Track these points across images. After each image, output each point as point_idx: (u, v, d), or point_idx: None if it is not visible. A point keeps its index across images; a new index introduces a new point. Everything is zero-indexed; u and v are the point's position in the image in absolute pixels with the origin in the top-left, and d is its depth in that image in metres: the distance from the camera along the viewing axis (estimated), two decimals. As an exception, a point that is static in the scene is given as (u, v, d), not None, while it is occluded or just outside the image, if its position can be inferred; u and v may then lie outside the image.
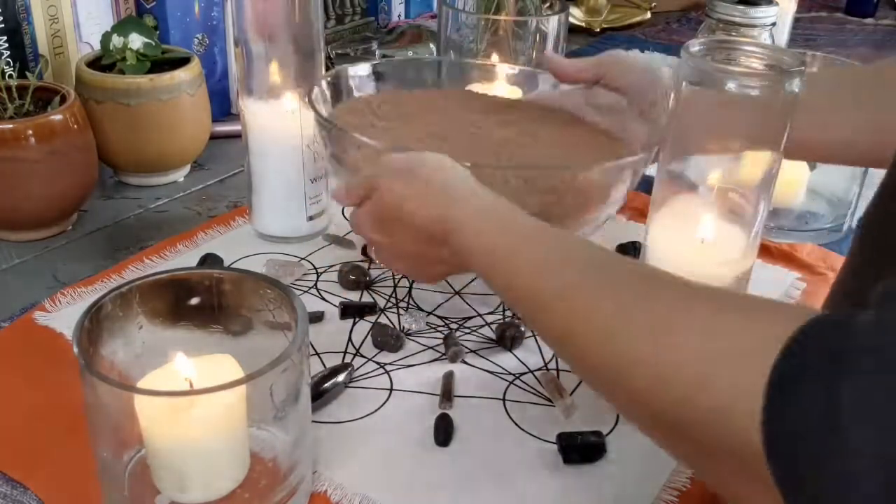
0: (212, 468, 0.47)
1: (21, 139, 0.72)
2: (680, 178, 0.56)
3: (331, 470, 0.53)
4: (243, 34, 0.71)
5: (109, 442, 0.46)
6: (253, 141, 0.75)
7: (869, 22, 1.71)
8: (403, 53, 1.32)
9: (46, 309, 0.66)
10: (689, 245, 0.56)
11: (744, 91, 0.52)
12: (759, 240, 0.56)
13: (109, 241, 0.79)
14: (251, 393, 0.45)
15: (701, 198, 0.55)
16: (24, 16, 0.88)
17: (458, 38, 0.98)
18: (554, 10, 1.01)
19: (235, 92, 1.02)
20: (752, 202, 0.54)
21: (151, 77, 0.83)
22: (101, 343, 0.47)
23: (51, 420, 0.55)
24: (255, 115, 0.74)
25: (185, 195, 0.88)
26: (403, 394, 0.60)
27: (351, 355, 0.63)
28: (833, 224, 0.85)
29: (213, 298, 0.50)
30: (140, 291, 0.49)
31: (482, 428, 0.57)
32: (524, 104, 0.77)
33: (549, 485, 0.53)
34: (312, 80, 0.73)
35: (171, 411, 0.44)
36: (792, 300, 0.73)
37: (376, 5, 1.43)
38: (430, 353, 0.64)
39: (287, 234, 0.78)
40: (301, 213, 0.77)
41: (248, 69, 0.73)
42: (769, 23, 0.97)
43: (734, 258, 0.56)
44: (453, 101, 0.76)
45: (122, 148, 0.85)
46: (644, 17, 1.64)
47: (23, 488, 0.51)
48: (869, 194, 0.93)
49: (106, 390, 0.42)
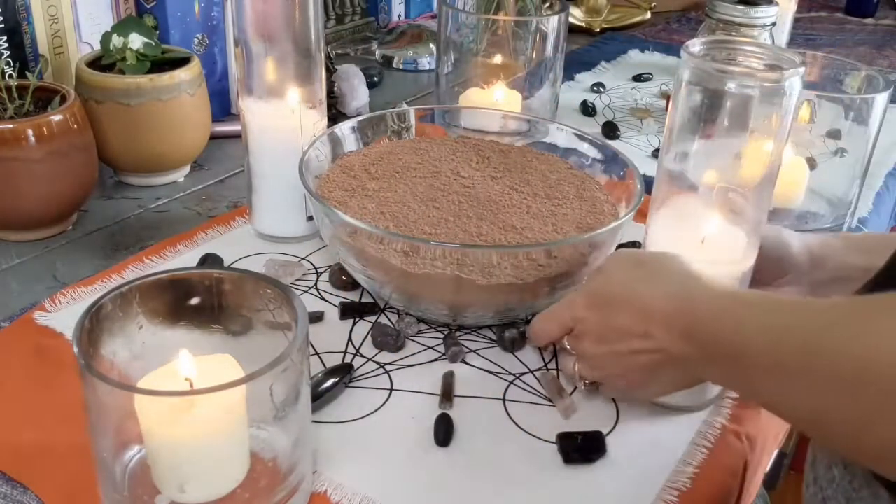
0: (212, 468, 0.47)
1: (21, 139, 0.72)
2: (680, 178, 0.56)
3: (331, 470, 0.53)
4: (243, 34, 0.71)
5: (109, 442, 0.46)
6: (252, 141, 0.75)
7: (869, 22, 1.71)
8: (403, 53, 1.32)
9: (46, 309, 0.66)
10: (689, 245, 0.56)
11: (744, 91, 0.52)
12: (759, 240, 0.56)
13: (109, 241, 0.79)
14: (251, 393, 0.45)
15: (701, 198, 0.55)
16: (24, 16, 0.88)
17: (458, 38, 0.98)
18: (554, 10, 1.01)
19: (235, 92, 1.02)
20: (753, 202, 0.54)
21: (151, 77, 0.83)
22: (101, 343, 0.46)
23: (51, 420, 0.55)
24: (254, 115, 0.74)
25: (185, 195, 0.88)
26: (403, 394, 0.60)
27: (351, 355, 0.63)
28: (833, 224, 0.84)
29: (213, 298, 0.50)
30: (140, 291, 0.48)
31: (482, 428, 0.57)
32: (515, 151, 0.80)
33: (549, 485, 0.53)
34: (312, 80, 0.73)
35: (171, 411, 0.44)
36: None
37: (376, 5, 1.43)
38: (430, 353, 0.64)
39: (287, 234, 0.78)
40: (300, 213, 0.77)
41: (248, 69, 0.73)
42: (769, 23, 0.97)
43: (734, 258, 0.56)
44: (446, 148, 0.79)
45: (122, 148, 0.85)
46: (644, 17, 1.64)
47: (23, 488, 0.51)
48: (870, 194, 0.93)
49: (106, 390, 0.42)
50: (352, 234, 0.62)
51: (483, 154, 0.79)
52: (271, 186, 0.76)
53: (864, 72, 0.85)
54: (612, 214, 0.70)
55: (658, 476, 0.54)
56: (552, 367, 0.63)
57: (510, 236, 0.65)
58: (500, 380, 0.62)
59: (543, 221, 0.68)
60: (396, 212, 0.67)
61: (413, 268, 0.60)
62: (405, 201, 0.69)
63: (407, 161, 0.76)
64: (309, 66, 0.73)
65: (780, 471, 1.66)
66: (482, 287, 0.60)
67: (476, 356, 0.64)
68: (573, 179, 0.75)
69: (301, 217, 0.77)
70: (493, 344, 0.65)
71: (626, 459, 0.55)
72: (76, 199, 0.79)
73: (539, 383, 0.62)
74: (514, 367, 0.63)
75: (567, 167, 0.77)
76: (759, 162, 0.54)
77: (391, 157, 0.76)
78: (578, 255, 0.63)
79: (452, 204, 0.70)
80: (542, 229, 0.67)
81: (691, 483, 0.54)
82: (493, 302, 0.63)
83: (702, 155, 0.54)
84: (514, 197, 0.71)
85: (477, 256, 0.60)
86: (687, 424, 0.58)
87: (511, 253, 0.62)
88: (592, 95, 1.21)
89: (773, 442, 0.64)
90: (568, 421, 0.58)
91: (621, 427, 0.58)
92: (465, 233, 0.65)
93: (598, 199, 0.72)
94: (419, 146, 0.79)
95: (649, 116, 1.13)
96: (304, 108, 0.74)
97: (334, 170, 0.74)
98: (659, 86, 1.26)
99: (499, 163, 0.77)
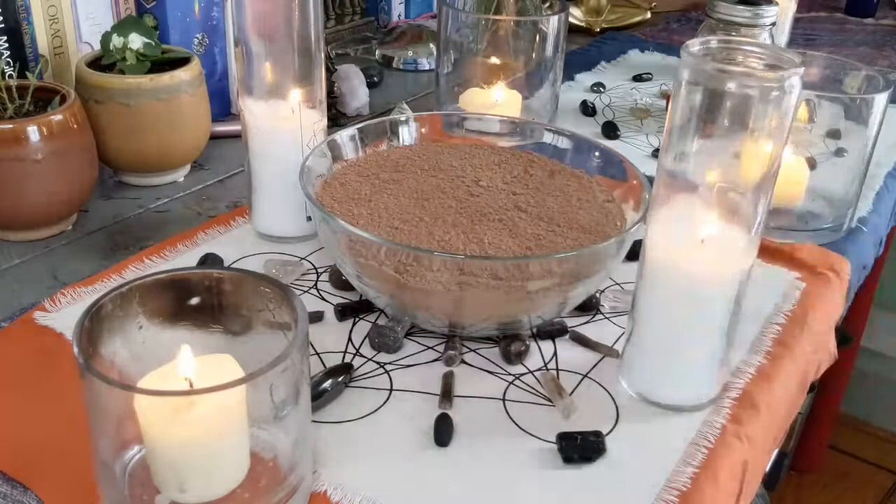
0: (212, 468, 0.47)
1: (21, 139, 0.72)
2: (680, 178, 0.55)
3: (331, 470, 0.53)
4: (243, 33, 0.71)
5: (109, 442, 0.46)
6: (252, 141, 0.75)
7: (869, 22, 1.71)
8: (403, 53, 1.32)
9: (46, 309, 0.66)
10: (688, 245, 0.56)
11: (744, 91, 0.52)
12: (759, 240, 0.56)
13: (109, 241, 0.79)
14: (251, 393, 0.45)
15: (701, 198, 0.55)
16: (24, 16, 0.88)
17: (458, 38, 0.98)
18: (554, 10, 1.01)
19: (235, 92, 1.02)
20: (752, 202, 0.54)
21: (151, 77, 0.83)
22: (101, 343, 0.46)
23: (51, 420, 0.55)
24: (254, 115, 0.74)
25: (185, 195, 0.88)
26: (403, 394, 0.60)
27: (351, 355, 0.63)
28: (833, 224, 0.85)
29: (213, 298, 0.50)
30: (140, 291, 0.48)
31: (482, 428, 0.57)
32: (511, 156, 0.78)
33: (549, 485, 0.53)
34: (312, 80, 0.73)
35: (171, 411, 0.44)
36: (791, 301, 0.73)
37: (376, 5, 1.43)
38: (431, 354, 0.64)
39: (287, 234, 0.78)
40: (300, 213, 0.77)
41: (247, 69, 0.73)
42: (769, 23, 0.96)
43: (734, 258, 0.56)
44: (444, 156, 0.78)
45: (122, 148, 0.85)
46: (644, 17, 1.64)
47: (23, 488, 0.51)
48: (870, 194, 0.93)
49: (106, 390, 0.42)
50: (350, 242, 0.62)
51: (507, 166, 0.76)
52: (271, 186, 0.76)
53: (864, 72, 0.85)
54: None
55: (658, 476, 0.54)
56: (552, 367, 0.63)
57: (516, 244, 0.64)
58: (500, 380, 0.62)
59: (555, 233, 0.67)
60: (394, 221, 0.66)
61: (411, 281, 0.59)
62: (400, 217, 0.67)
63: (410, 167, 0.75)
64: (309, 66, 0.73)
65: (780, 471, 1.66)
66: (483, 298, 0.60)
67: (476, 356, 0.64)
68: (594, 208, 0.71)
69: (301, 217, 0.77)
70: (494, 344, 0.65)
71: (626, 459, 0.55)
72: (76, 199, 0.79)
73: (539, 383, 0.62)
74: (514, 367, 0.63)
75: (603, 199, 0.72)
76: (759, 162, 0.54)
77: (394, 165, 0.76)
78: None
79: (456, 214, 0.68)
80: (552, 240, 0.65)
81: (691, 483, 0.54)
82: (494, 313, 0.62)
83: (702, 155, 0.54)
84: (522, 214, 0.69)
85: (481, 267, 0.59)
86: (687, 424, 0.58)
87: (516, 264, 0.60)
88: (592, 95, 1.21)
89: (773, 442, 0.64)
90: (568, 421, 0.58)
91: (621, 427, 0.58)
92: (470, 243, 0.64)
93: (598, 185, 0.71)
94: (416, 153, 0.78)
95: (649, 116, 1.13)
96: (304, 108, 0.74)
97: (335, 175, 0.73)
98: (659, 86, 1.26)
99: (523, 175, 0.75)
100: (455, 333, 0.65)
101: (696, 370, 0.59)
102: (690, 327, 0.58)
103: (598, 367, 0.64)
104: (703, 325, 0.57)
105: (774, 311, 0.72)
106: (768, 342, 0.68)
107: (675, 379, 0.60)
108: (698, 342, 0.58)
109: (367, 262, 0.60)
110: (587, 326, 0.68)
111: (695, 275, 0.56)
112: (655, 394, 0.60)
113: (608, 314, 0.70)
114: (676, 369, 0.59)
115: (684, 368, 0.59)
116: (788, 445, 1.64)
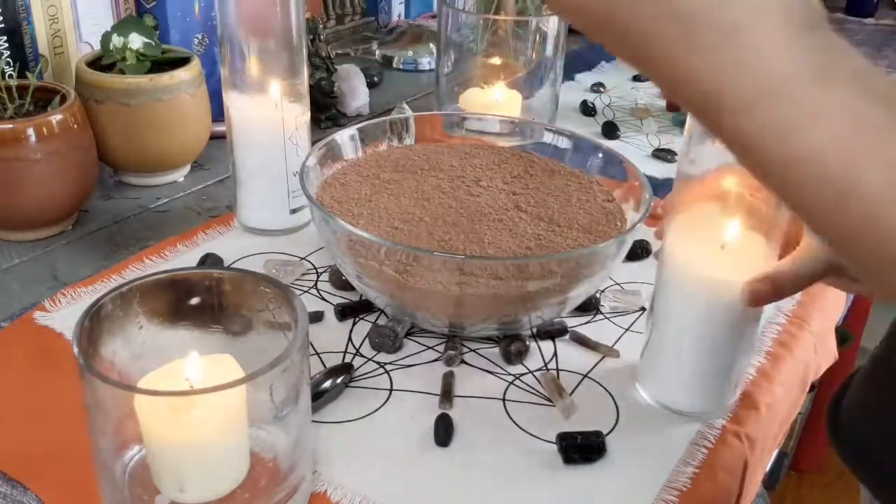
0: (212, 468, 0.47)
1: (21, 139, 0.72)
2: (698, 183, 0.55)
3: (331, 470, 0.53)
4: (227, 28, 0.72)
5: (109, 442, 0.46)
6: (237, 135, 0.75)
7: (869, 22, 1.71)
8: (403, 53, 1.32)
9: (46, 309, 0.66)
10: (708, 250, 0.55)
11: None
12: (780, 245, 0.55)
13: (109, 241, 0.79)
14: (251, 393, 0.45)
15: (720, 203, 0.54)
16: (24, 16, 0.88)
17: (458, 38, 0.98)
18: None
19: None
20: (773, 206, 0.53)
21: (151, 77, 0.83)
22: (101, 343, 0.46)
23: (51, 420, 0.55)
24: (238, 110, 0.74)
25: (185, 195, 0.88)
26: (403, 394, 0.60)
27: (351, 355, 0.63)
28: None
29: (213, 298, 0.50)
30: (140, 291, 0.48)
31: (482, 428, 0.57)
32: (511, 156, 0.78)
33: (549, 485, 0.53)
34: (295, 74, 0.74)
35: (171, 411, 0.44)
36: (791, 301, 0.73)
37: (376, 5, 1.43)
38: (431, 353, 0.64)
39: (270, 228, 0.78)
40: (284, 206, 0.77)
41: (231, 63, 0.73)
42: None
43: (755, 263, 0.55)
44: (445, 156, 0.77)
45: (122, 148, 0.85)
46: (644, 17, 1.64)
47: (23, 488, 0.51)
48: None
49: (106, 390, 0.42)
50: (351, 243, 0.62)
51: (506, 166, 0.76)
52: (255, 180, 0.76)
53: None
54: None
55: (658, 476, 0.54)
56: (552, 367, 0.63)
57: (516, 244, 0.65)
58: (499, 380, 0.62)
59: (554, 233, 0.66)
60: (394, 222, 0.66)
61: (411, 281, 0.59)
62: (400, 218, 0.67)
63: (410, 167, 0.75)
64: (291, 60, 0.73)
65: (780, 471, 1.66)
66: (482, 298, 0.60)
67: (476, 356, 0.64)
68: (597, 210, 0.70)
69: (284, 210, 0.78)
70: (494, 344, 0.65)
71: (626, 459, 0.55)
72: (76, 199, 0.79)
73: (539, 383, 0.62)
74: (514, 367, 0.63)
75: (603, 199, 0.72)
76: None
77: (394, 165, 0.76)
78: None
79: (456, 214, 0.68)
80: (551, 240, 0.65)
81: (691, 483, 0.54)
82: (494, 313, 0.62)
83: (721, 160, 0.53)
84: (522, 214, 0.69)
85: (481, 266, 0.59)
86: (687, 424, 0.58)
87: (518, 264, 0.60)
88: (592, 95, 1.21)
89: (773, 442, 0.64)
90: (568, 421, 0.58)
91: (621, 427, 0.58)
92: (470, 243, 0.64)
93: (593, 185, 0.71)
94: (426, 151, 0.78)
95: (649, 116, 1.13)
96: (286, 102, 0.74)
97: (335, 175, 0.73)
98: (659, 86, 1.26)
99: (523, 175, 0.75)
100: (455, 333, 0.65)
101: (717, 377, 0.58)
102: (712, 334, 0.56)
103: (598, 367, 0.64)
104: (724, 332, 0.56)
105: (774, 311, 0.72)
106: (768, 342, 0.68)
107: (697, 387, 0.58)
108: (720, 349, 0.57)
109: (368, 262, 0.60)
110: (587, 326, 0.68)
111: (714, 280, 0.55)
112: (677, 402, 0.59)
113: (608, 314, 0.70)
114: (697, 376, 0.58)
115: (705, 375, 0.58)
116: (788, 445, 1.64)
